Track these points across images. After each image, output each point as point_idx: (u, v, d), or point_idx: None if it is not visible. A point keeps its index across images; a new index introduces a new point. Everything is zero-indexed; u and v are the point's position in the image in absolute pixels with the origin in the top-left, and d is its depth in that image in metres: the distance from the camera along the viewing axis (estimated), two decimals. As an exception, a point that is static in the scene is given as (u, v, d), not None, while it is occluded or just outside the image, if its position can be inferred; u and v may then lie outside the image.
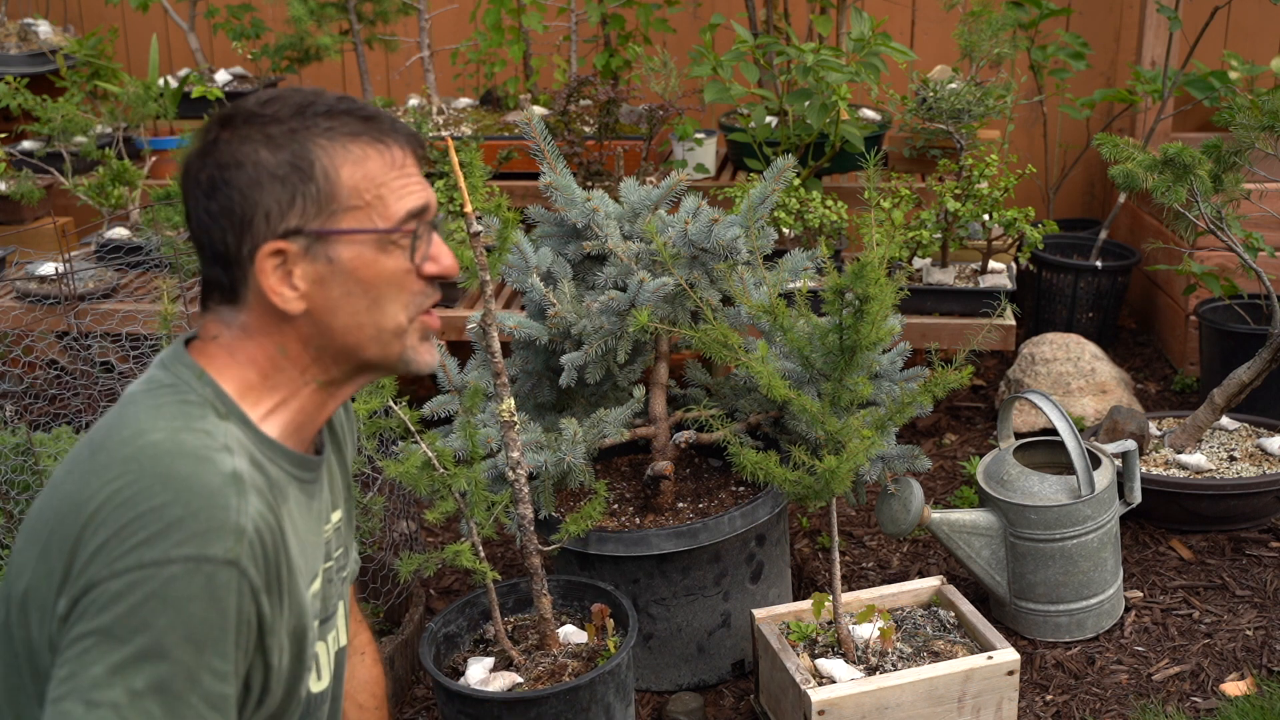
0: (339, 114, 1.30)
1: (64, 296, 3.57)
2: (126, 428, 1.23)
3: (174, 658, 1.14)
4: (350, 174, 1.29)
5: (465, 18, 4.75)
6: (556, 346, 2.72)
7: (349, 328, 1.31)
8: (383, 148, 1.31)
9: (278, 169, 1.27)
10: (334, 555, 1.49)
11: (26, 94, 4.01)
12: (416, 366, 1.37)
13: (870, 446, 2.29)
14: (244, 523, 1.19)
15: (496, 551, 3.27)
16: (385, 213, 1.30)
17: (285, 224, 1.27)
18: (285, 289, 1.29)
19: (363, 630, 1.81)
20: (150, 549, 1.14)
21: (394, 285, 1.31)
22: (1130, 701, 2.62)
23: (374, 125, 1.31)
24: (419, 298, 1.34)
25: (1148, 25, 4.43)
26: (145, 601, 1.13)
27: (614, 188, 3.47)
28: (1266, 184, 3.85)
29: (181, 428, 1.22)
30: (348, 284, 1.30)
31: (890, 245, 2.36)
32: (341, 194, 1.28)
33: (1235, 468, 3.19)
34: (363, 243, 1.29)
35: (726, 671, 2.75)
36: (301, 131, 1.29)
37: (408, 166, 1.33)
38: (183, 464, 1.18)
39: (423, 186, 1.34)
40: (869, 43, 3.43)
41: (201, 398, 1.28)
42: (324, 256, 1.29)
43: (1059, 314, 4.33)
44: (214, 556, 1.16)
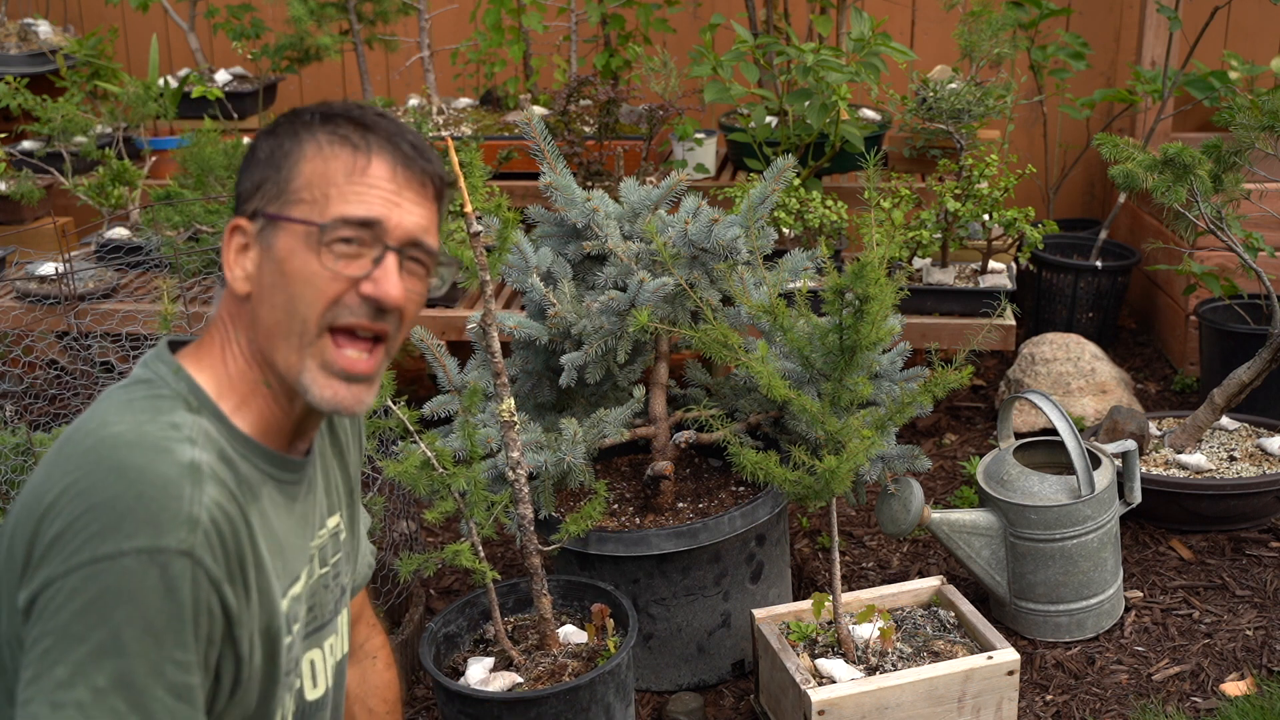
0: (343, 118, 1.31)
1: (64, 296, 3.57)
2: (93, 420, 1.24)
3: (134, 651, 1.14)
4: (311, 168, 1.30)
5: (465, 18, 4.75)
6: (556, 346, 2.72)
7: (269, 322, 1.30)
8: (358, 154, 1.30)
9: (265, 155, 1.32)
10: (330, 561, 1.47)
11: (26, 94, 4.01)
12: (313, 398, 1.30)
13: (870, 446, 2.29)
14: (198, 513, 1.18)
15: (496, 551, 3.27)
16: (324, 210, 1.29)
17: (252, 204, 1.32)
18: (238, 268, 1.32)
19: (376, 635, 1.80)
20: (103, 542, 1.14)
21: (310, 285, 1.28)
22: (1130, 701, 2.62)
23: (363, 133, 1.31)
24: (337, 309, 1.29)
25: (1148, 25, 4.43)
26: (100, 596, 1.13)
27: (614, 188, 3.47)
28: (1266, 184, 3.85)
29: (147, 420, 1.23)
30: (274, 273, 1.29)
31: (890, 245, 2.36)
32: (296, 184, 1.29)
33: (1235, 468, 3.19)
34: (294, 234, 1.29)
35: (726, 671, 2.75)
36: (304, 128, 1.31)
37: (378, 181, 1.30)
38: (138, 455, 1.18)
39: (385, 203, 1.30)
40: (869, 43, 3.43)
41: (174, 392, 1.28)
42: (267, 242, 1.30)
43: (1059, 314, 4.33)
44: (167, 547, 1.15)
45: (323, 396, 1.31)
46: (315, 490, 1.43)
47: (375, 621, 1.81)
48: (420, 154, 1.33)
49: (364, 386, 1.33)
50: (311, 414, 1.37)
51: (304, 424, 1.38)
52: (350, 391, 1.32)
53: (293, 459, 1.37)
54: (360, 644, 1.77)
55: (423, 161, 1.33)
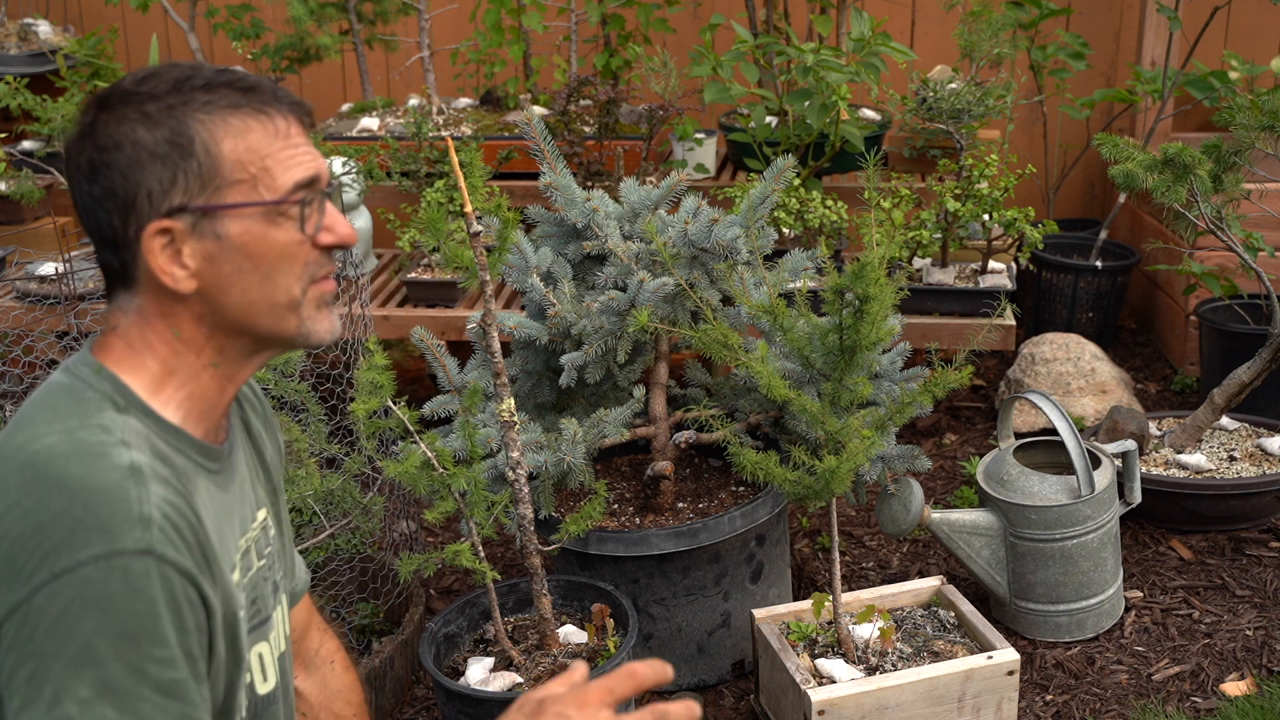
0: (217, 87, 1.28)
1: (64, 296, 3.57)
2: (21, 434, 1.22)
3: (109, 657, 1.13)
4: (232, 147, 1.27)
5: (465, 18, 4.75)
6: (556, 346, 2.72)
7: (241, 304, 1.30)
8: (264, 118, 1.29)
9: (156, 147, 1.25)
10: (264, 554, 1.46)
11: (26, 94, 4.01)
12: (316, 338, 1.35)
13: (870, 446, 2.29)
14: (149, 511, 1.17)
15: (496, 551, 3.27)
16: (272, 184, 1.28)
17: (169, 202, 1.26)
18: (175, 268, 1.28)
19: (329, 639, 1.78)
20: (59, 558, 1.13)
21: (285, 258, 1.30)
22: (1130, 701, 2.62)
23: (254, 96, 1.29)
24: (312, 268, 1.32)
25: (1148, 25, 4.43)
26: (66, 610, 1.13)
27: (614, 188, 3.47)
28: (1266, 184, 3.85)
29: (77, 426, 1.21)
30: (238, 259, 1.28)
31: (890, 245, 2.36)
32: (224, 168, 1.27)
33: (1235, 468, 3.19)
34: (250, 216, 1.28)
35: (726, 671, 2.75)
36: (179, 107, 1.26)
37: (293, 136, 1.31)
38: (76, 465, 1.17)
39: (311, 156, 1.32)
40: (869, 43, 3.43)
41: (99, 393, 1.26)
42: (212, 233, 1.28)
43: (1059, 314, 4.33)
44: (124, 549, 1.15)
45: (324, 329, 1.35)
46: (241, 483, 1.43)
47: (326, 627, 1.79)
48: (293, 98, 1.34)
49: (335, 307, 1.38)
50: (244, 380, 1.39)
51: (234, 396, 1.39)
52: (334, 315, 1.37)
53: (215, 447, 1.36)
54: (315, 650, 1.75)
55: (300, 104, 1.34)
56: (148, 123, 1.26)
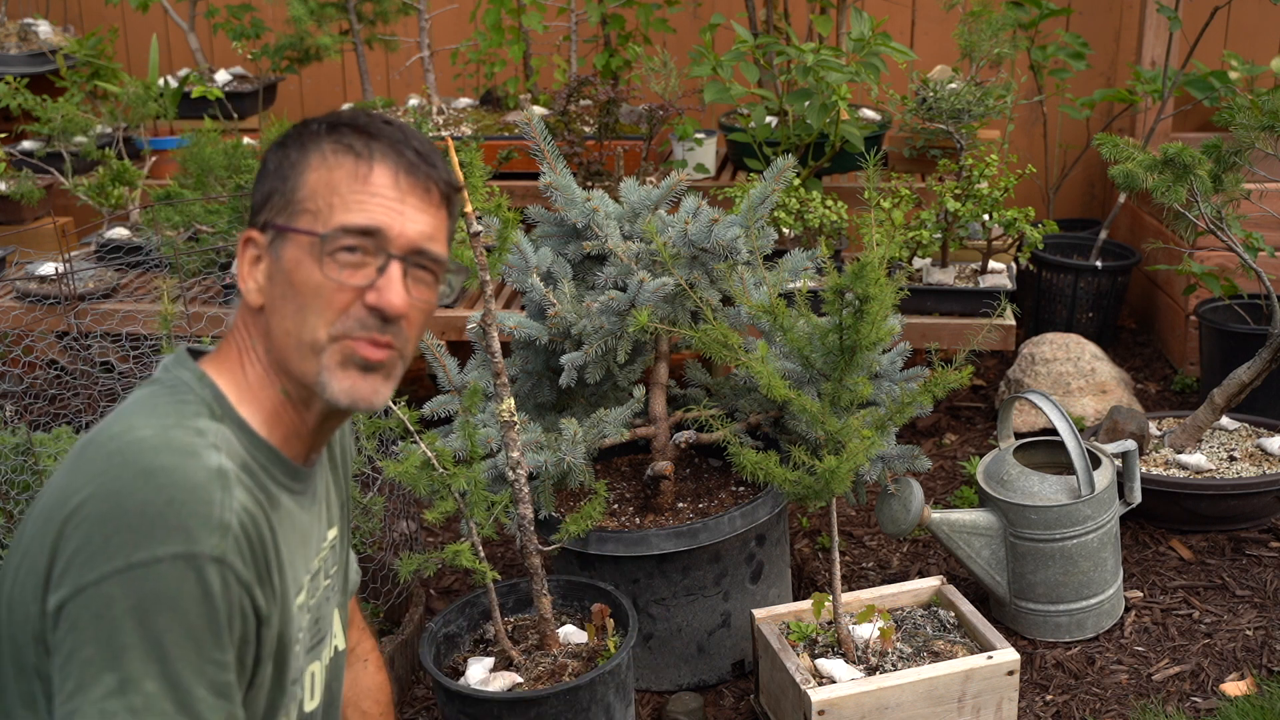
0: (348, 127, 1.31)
1: (64, 296, 3.57)
2: (117, 424, 1.24)
3: (177, 655, 1.15)
4: (315, 178, 1.29)
5: (465, 18, 4.75)
6: (556, 346, 2.72)
7: (280, 331, 1.31)
8: (360, 162, 1.29)
9: (274, 167, 1.32)
10: (330, 574, 1.48)
11: (26, 94, 4.01)
12: (330, 392, 1.30)
13: (870, 446, 2.29)
14: (229, 518, 1.19)
15: (496, 551, 3.27)
16: (326, 220, 1.28)
17: (261, 216, 1.32)
18: (250, 279, 1.32)
19: (366, 639, 1.80)
20: (137, 549, 1.14)
21: (316, 295, 1.28)
22: (1130, 701, 2.62)
23: (366, 140, 1.30)
24: (348, 320, 1.29)
25: (1148, 25, 4.43)
26: (140, 603, 1.14)
27: (614, 188, 3.47)
28: (1266, 184, 3.85)
29: (173, 425, 1.23)
30: (284, 284, 1.30)
31: (890, 245, 2.36)
32: (302, 195, 1.29)
33: (1235, 468, 3.19)
34: (300, 245, 1.29)
35: (726, 671, 2.75)
36: (312, 139, 1.31)
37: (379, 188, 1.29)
38: (165, 458, 1.18)
39: (386, 210, 1.29)
40: (869, 43, 3.43)
41: (199, 399, 1.28)
42: (277, 254, 1.30)
43: (1059, 314, 4.33)
44: (201, 553, 1.16)
45: (341, 389, 1.30)
46: (319, 503, 1.44)
47: (365, 626, 1.82)
48: (425, 160, 1.32)
49: (380, 378, 1.32)
50: (327, 421, 1.37)
51: (320, 431, 1.38)
52: (367, 382, 1.31)
53: (302, 469, 1.37)
54: (351, 648, 1.77)
55: (427, 167, 1.31)
56: (281, 145, 1.34)
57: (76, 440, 1.36)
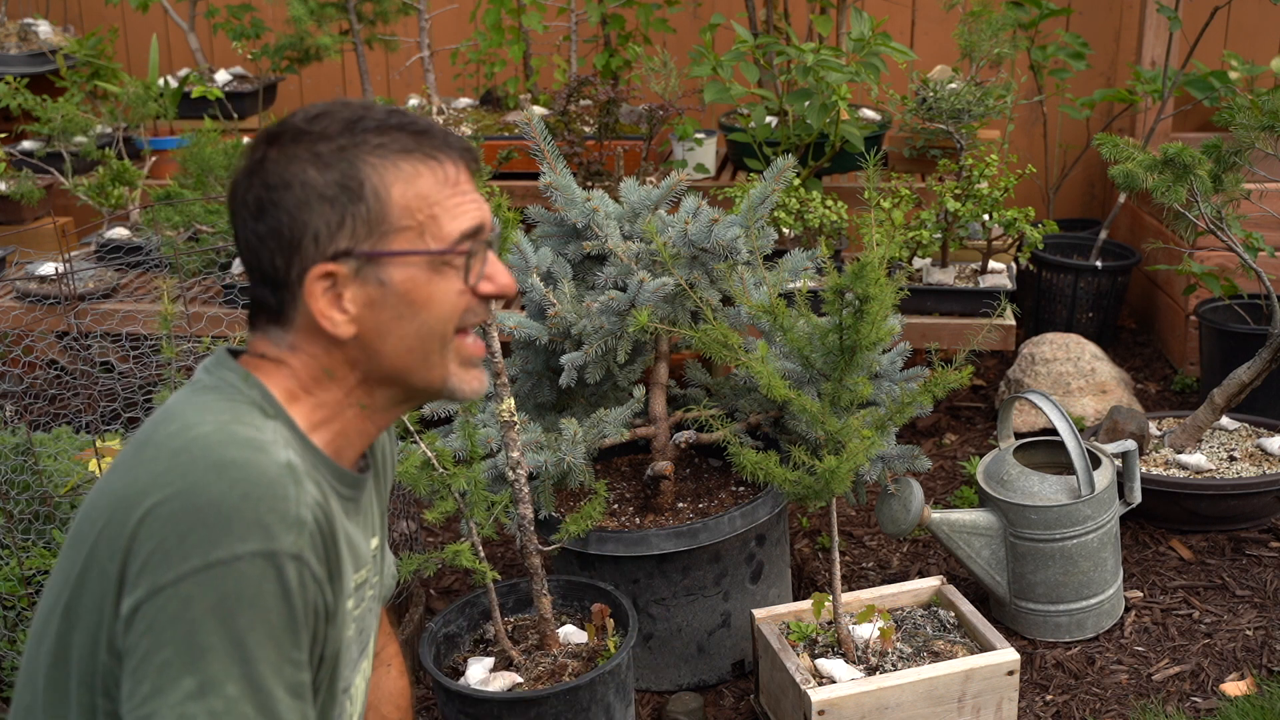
0: (390, 129, 1.26)
1: (64, 296, 3.57)
2: (173, 423, 1.20)
3: (259, 656, 1.12)
4: (401, 193, 1.24)
5: (465, 18, 4.75)
6: (556, 346, 2.72)
7: (398, 351, 1.28)
8: (435, 164, 1.27)
9: (326, 189, 1.23)
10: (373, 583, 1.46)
11: (26, 94, 4.01)
12: (461, 393, 1.32)
13: (870, 446, 2.29)
14: (304, 514, 1.16)
15: (496, 551, 3.27)
16: (439, 233, 1.26)
17: (335, 246, 1.24)
18: (335, 312, 1.25)
19: (391, 643, 1.79)
20: (214, 547, 1.11)
21: (447, 306, 1.27)
22: (1130, 701, 2.62)
23: (426, 140, 1.27)
24: (466, 315, 1.30)
25: (1148, 25, 4.43)
26: (221, 602, 1.11)
27: (614, 188, 3.47)
28: (1266, 184, 3.85)
29: (230, 420, 1.20)
30: (399, 306, 1.26)
31: (890, 245, 2.36)
32: (393, 214, 1.24)
33: (1235, 468, 3.19)
34: (415, 265, 1.25)
35: (726, 671, 2.75)
36: (351, 149, 1.24)
37: (461, 183, 1.28)
38: (235, 452, 1.16)
39: (478, 204, 1.29)
40: (869, 43, 3.43)
41: (248, 399, 1.25)
42: (375, 279, 1.25)
43: (1059, 314, 4.33)
44: (280, 550, 1.13)
45: (471, 389, 1.33)
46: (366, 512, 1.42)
47: (390, 630, 1.81)
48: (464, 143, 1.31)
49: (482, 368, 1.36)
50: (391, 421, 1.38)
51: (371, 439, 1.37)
52: (480, 375, 1.35)
53: (354, 475, 1.35)
54: (376, 651, 1.76)
55: (470, 150, 1.32)
56: (319, 163, 1.23)
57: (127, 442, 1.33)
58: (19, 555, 2.34)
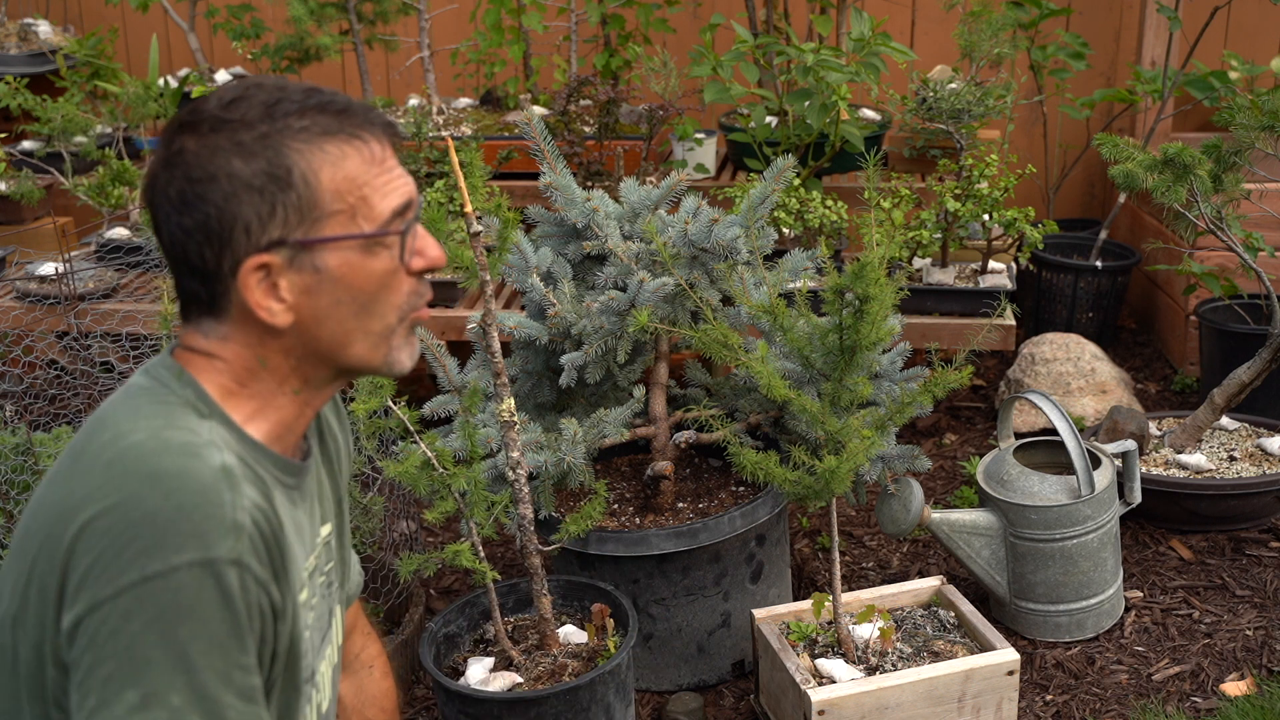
0: (310, 111, 1.23)
1: (64, 296, 3.57)
2: (106, 432, 1.19)
3: (203, 665, 1.12)
4: (330, 176, 1.23)
5: (465, 18, 4.75)
6: (556, 346, 2.72)
7: (336, 335, 1.27)
8: (360, 144, 1.25)
9: (254, 179, 1.20)
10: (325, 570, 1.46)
11: (26, 94, 4.01)
12: (400, 366, 1.32)
13: (870, 446, 2.29)
14: (241, 519, 1.16)
15: (496, 551, 3.27)
16: (370, 214, 1.24)
17: (267, 236, 1.21)
18: (271, 302, 1.24)
19: (371, 644, 1.78)
20: (151, 559, 1.11)
21: (385, 288, 1.27)
22: (1130, 701, 2.62)
23: (348, 120, 1.25)
24: (411, 297, 1.30)
25: (1148, 25, 4.43)
26: (160, 615, 1.11)
27: (614, 188, 3.47)
28: (1266, 184, 3.85)
29: (164, 426, 1.19)
30: (336, 291, 1.25)
31: (890, 245, 2.36)
32: (323, 199, 1.22)
33: (1235, 468, 3.19)
34: (350, 248, 1.24)
35: (726, 671, 2.75)
36: (274, 135, 1.21)
37: (387, 161, 1.27)
38: (168, 461, 1.15)
39: (404, 180, 1.28)
40: (869, 43, 3.43)
41: (181, 399, 1.24)
42: (310, 266, 1.23)
43: (1059, 314, 4.33)
44: (219, 558, 1.13)
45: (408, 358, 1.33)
46: (311, 500, 1.42)
47: (370, 630, 1.79)
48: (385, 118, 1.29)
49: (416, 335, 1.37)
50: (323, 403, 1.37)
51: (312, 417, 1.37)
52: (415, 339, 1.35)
53: (294, 463, 1.34)
54: (356, 654, 1.75)
55: (390, 125, 1.30)
56: (243, 153, 1.20)
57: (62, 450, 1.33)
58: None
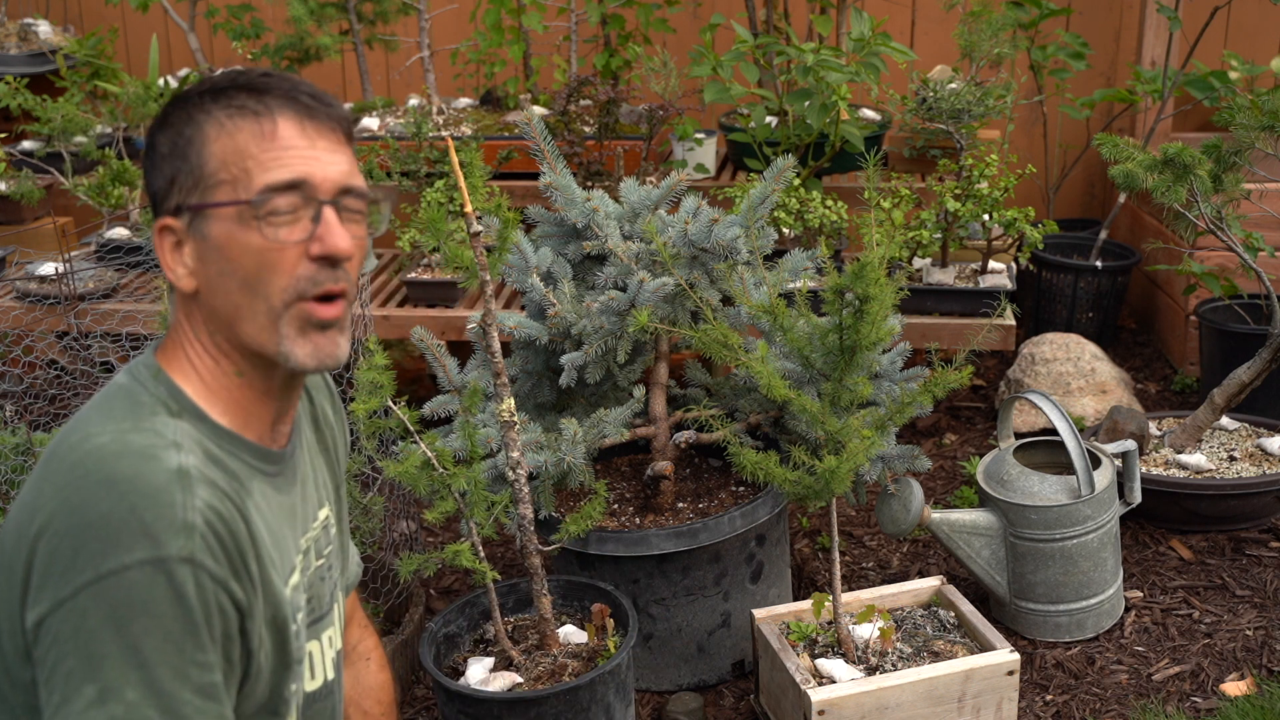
0: (233, 89, 1.28)
1: (64, 296, 3.57)
2: (76, 433, 1.24)
3: (156, 660, 1.15)
4: (221, 148, 1.27)
5: (465, 18, 4.75)
6: (556, 346, 2.72)
7: (227, 308, 1.29)
8: (255, 119, 1.27)
9: (166, 149, 1.29)
10: (324, 553, 1.48)
11: (26, 94, 4.01)
12: (294, 360, 1.30)
13: (870, 446, 2.29)
14: (192, 519, 1.18)
15: (496, 551, 3.27)
16: (249, 185, 1.26)
17: (171, 201, 1.29)
18: (178, 266, 1.30)
19: (368, 636, 1.80)
20: (104, 559, 1.15)
21: (263, 265, 1.26)
22: (1130, 701, 2.62)
23: (259, 97, 1.28)
24: (301, 283, 1.28)
25: (1148, 25, 4.43)
26: (113, 612, 1.14)
27: (614, 188, 3.47)
28: (1266, 184, 3.85)
29: (130, 428, 1.22)
30: (219, 261, 1.27)
31: (890, 245, 2.36)
32: (211, 168, 1.27)
33: (1235, 468, 3.19)
34: (226, 217, 1.26)
35: (726, 671, 2.75)
36: (190, 109, 1.29)
37: (284, 138, 1.27)
38: (125, 465, 1.18)
39: (303, 160, 1.27)
40: (869, 43, 3.43)
41: (154, 397, 1.28)
42: (200, 233, 1.28)
43: (1059, 314, 4.33)
44: (169, 556, 1.16)
45: (305, 354, 1.30)
46: (304, 484, 1.44)
47: (367, 623, 1.81)
48: (320, 101, 1.30)
49: (336, 332, 1.32)
50: (287, 389, 1.36)
51: (282, 400, 1.37)
52: (327, 339, 1.31)
53: (275, 451, 1.36)
54: (353, 646, 1.77)
55: (325, 108, 1.31)
56: (165, 125, 1.30)
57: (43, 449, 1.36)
58: None
